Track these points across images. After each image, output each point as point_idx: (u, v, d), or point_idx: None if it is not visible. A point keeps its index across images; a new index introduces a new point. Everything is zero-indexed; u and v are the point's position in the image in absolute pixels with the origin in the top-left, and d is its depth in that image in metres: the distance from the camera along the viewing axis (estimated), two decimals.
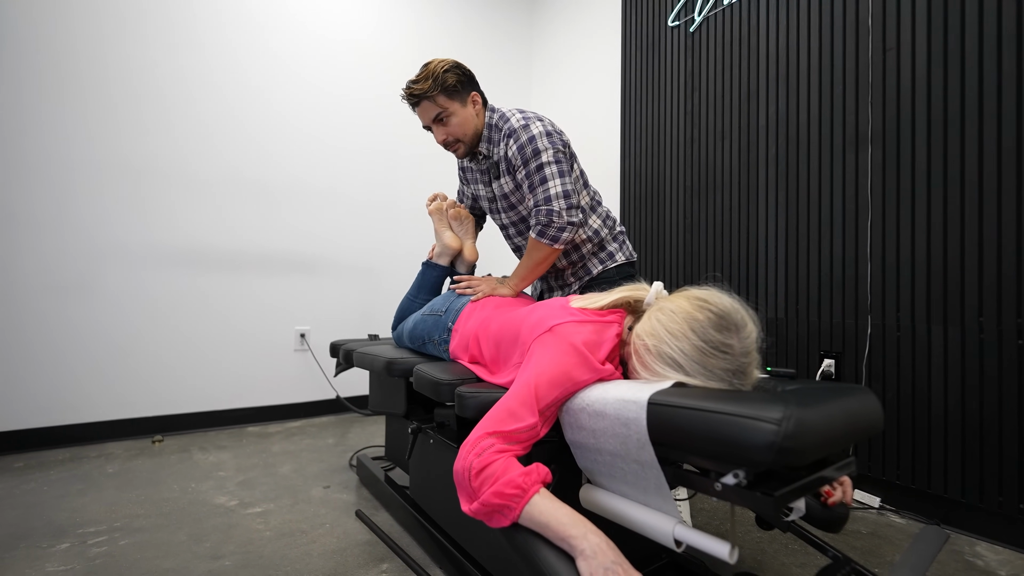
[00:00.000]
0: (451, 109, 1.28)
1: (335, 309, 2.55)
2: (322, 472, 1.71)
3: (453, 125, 1.29)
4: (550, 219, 1.23)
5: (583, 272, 1.41)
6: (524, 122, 1.26)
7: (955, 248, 1.38)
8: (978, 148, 1.34)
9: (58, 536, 1.23)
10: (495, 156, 1.33)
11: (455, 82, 1.26)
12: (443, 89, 1.25)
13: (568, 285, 1.45)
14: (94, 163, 2.00)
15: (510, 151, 1.27)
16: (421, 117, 1.32)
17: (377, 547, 1.21)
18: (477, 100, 1.32)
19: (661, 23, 2.27)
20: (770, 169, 1.82)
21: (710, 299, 0.76)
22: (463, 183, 1.60)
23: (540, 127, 1.25)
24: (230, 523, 1.32)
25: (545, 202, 1.23)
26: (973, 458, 1.34)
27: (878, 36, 1.53)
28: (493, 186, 1.39)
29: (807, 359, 1.70)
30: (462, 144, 1.34)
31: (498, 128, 1.31)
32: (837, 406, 0.67)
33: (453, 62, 1.28)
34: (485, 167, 1.38)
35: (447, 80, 1.25)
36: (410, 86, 1.27)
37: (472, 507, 0.71)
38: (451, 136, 1.31)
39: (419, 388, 1.09)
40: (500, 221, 1.47)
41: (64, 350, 1.94)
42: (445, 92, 1.26)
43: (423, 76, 1.25)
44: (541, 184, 1.23)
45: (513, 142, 1.26)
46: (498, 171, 1.34)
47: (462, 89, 1.28)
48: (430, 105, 1.28)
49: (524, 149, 1.24)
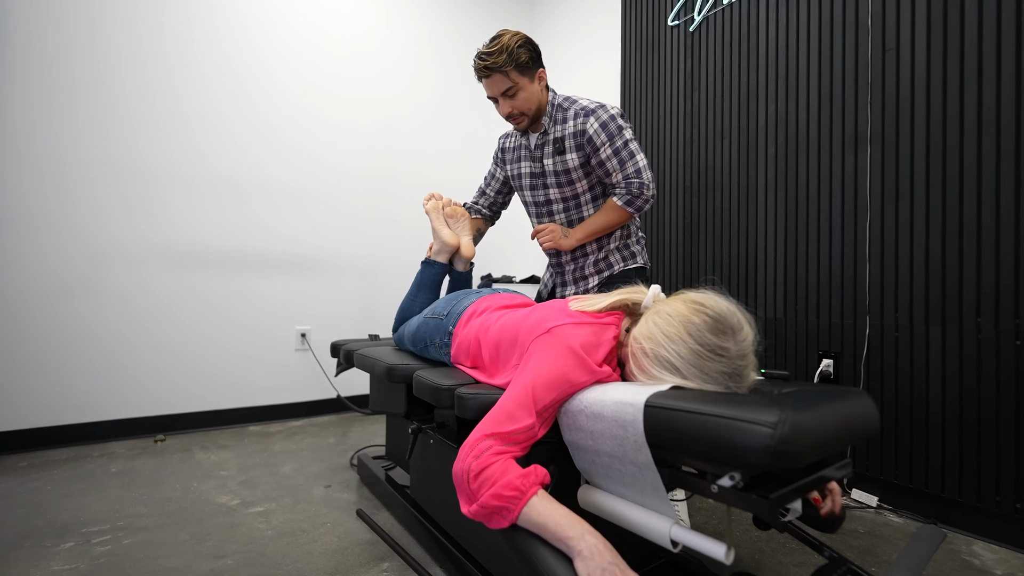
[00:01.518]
0: (521, 84, 1.31)
1: (335, 309, 2.56)
2: (323, 471, 1.73)
3: (520, 99, 1.33)
4: (641, 191, 1.33)
5: (604, 266, 1.45)
6: (598, 103, 1.34)
7: (953, 249, 1.38)
8: (977, 149, 1.34)
9: (62, 535, 1.25)
10: (559, 133, 1.37)
11: (527, 59, 1.30)
12: (516, 64, 1.29)
13: (585, 278, 1.47)
14: (95, 164, 2.01)
15: (589, 128, 1.31)
16: (489, 88, 1.34)
17: (378, 546, 1.22)
18: (543, 77, 1.36)
19: (661, 23, 2.27)
20: (769, 169, 1.82)
21: (706, 302, 0.76)
22: (497, 164, 1.62)
23: (615, 109, 1.34)
24: (232, 522, 1.33)
25: (636, 175, 1.33)
26: (970, 458, 1.35)
27: (878, 36, 1.54)
28: (547, 162, 1.41)
29: (806, 359, 1.71)
30: (526, 117, 1.38)
31: (563, 108, 1.37)
32: (833, 409, 0.67)
33: (525, 37, 1.30)
34: (542, 143, 1.41)
35: (520, 56, 1.28)
36: (484, 58, 1.29)
37: (471, 509, 0.72)
38: (516, 109, 1.35)
39: (419, 394, 1.10)
40: (544, 197, 1.47)
41: (66, 350, 1.95)
42: (517, 67, 1.29)
43: (497, 49, 1.27)
44: (631, 158, 1.33)
45: (594, 120, 1.31)
46: (563, 147, 1.37)
47: (532, 65, 1.32)
48: (502, 78, 1.30)
49: (608, 126, 1.31)
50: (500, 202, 1.68)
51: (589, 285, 1.46)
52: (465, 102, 3.00)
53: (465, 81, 3.00)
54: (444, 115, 2.92)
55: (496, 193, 1.66)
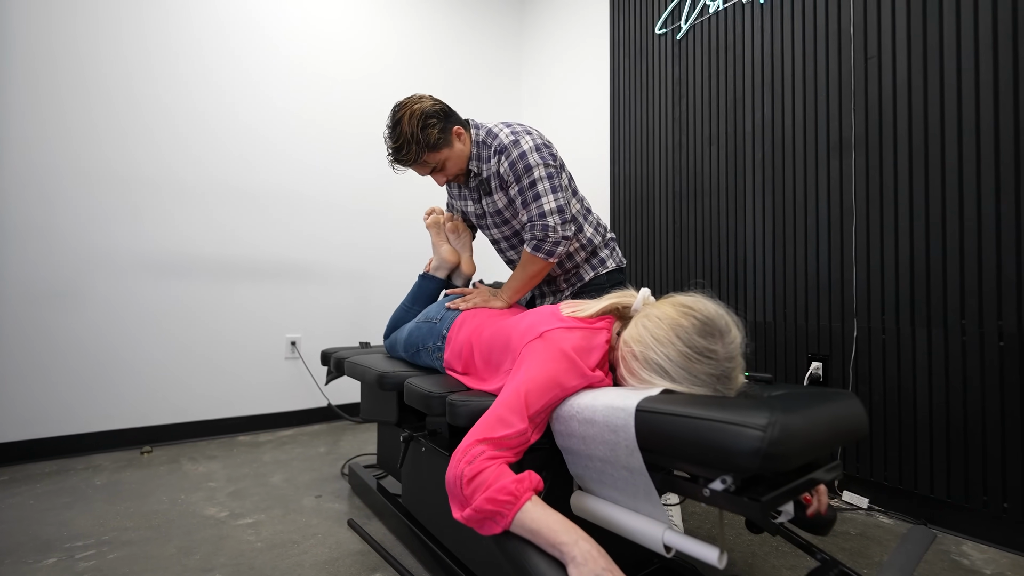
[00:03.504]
0: (442, 156, 1.26)
1: (326, 317, 2.54)
2: (314, 481, 1.70)
3: (450, 167, 1.29)
4: (545, 234, 1.22)
5: (575, 279, 1.42)
6: (513, 137, 1.25)
7: (937, 252, 1.40)
8: (958, 154, 1.37)
9: (45, 551, 1.22)
10: (485, 173, 1.31)
11: (437, 134, 1.22)
12: (428, 146, 1.23)
13: (560, 291, 1.45)
14: (81, 170, 1.98)
15: (502, 168, 1.25)
16: (416, 171, 1.31)
17: (369, 556, 1.21)
18: (461, 132, 1.28)
19: (648, 31, 2.30)
20: (757, 174, 1.85)
21: (695, 305, 0.77)
22: (451, 197, 1.58)
23: (530, 141, 1.24)
24: (220, 534, 1.31)
25: (539, 217, 1.22)
26: (958, 458, 1.36)
27: (860, 45, 1.57)
28: (483, 202, 1.37)
29: (795, 362, 1.72)
30: (462, 176, 1.35)
31: (486, 145, 1.30)
32: (822, 411, 0.68)
33: (422, 110, 1.21)
34: (474, 184, 1.37)
35: (429, 137, 1.21)
36: (395, 155, 1.24)
37: (464, 514, 0.71)
38: (450, 176, 1.32)
39: (410, 401, 1.09)
40: (491, 236, 1.46)
41: (50, 360, 1.92)
42: (430, 148, 1.23)
43: (403, 142, 1.21)
44: (535, 200, 1.22)
45: (504, 159, 1.24)
46: (489, 187, 1.32)
47: (445, 135, 1.25)
48: (422, 166, 1.28)
49: (516, 166, 1.23)
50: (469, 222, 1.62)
51: (565, 296, 1.44)
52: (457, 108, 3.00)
53: (456, 87, 3.01)
54: None
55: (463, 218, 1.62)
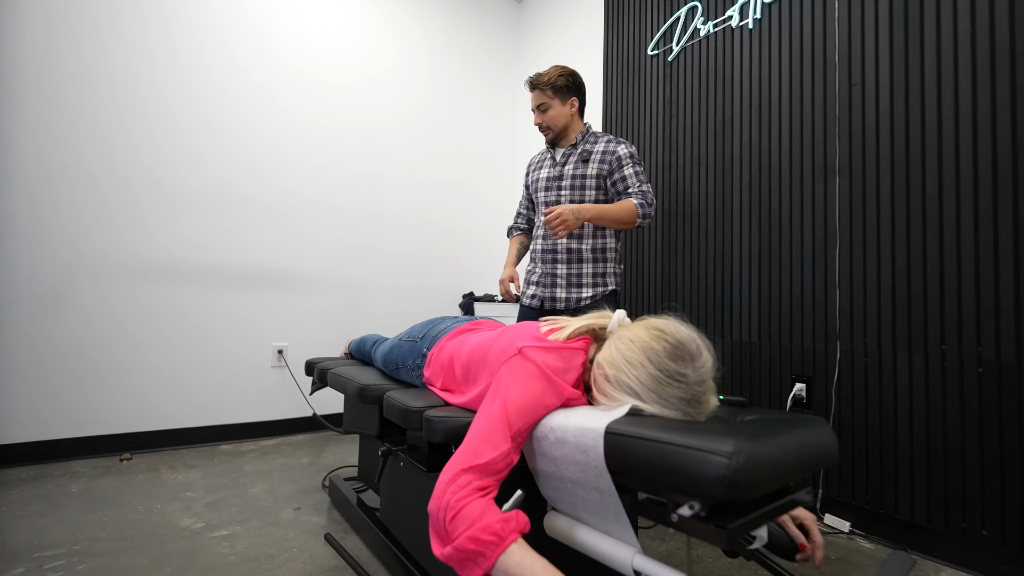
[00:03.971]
0: (552, 104, 1.64)
1: (314, 325, 2.53)
2: (294, 493, 1.69)
3: (549, 115, 1.66)
4: (651, 205, 1.60)
5: (600, 281, 1.65)
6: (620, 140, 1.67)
7: (918, 277, 1.42)
8: (938, 180, 1.39)
9: (13, 560, 1.19)
10: (589, 148, 1.66)
11: (563, 85, 1.63)
12: (552, 87, 1.62)
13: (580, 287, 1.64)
14: (69, 173, 1.98)
15: (621, 150, 1.62)
16: (531, 101, 1.68)
17: (345, 573, 1.19)
18: (575, 104, 1.67)
19: (641, 51, 2.34)
20: (743, 196, 1.87)
21: (667, 329, 0.77)
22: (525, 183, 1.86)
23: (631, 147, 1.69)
24: (194, 547, 1.29)
25: (649, 193, 1.62)
26: (938, 483, 1.37)
27: (844, 72, 1.60)
28: (567, 168, 1.67)
29: (779, 383, 1.73)
30: (551, 131, 1.68)
31: (595, 135, 1.69)
32: (790, 438, 0.68)
33: (571, 71, 1.65)
34: (568, 153, 1.69)
35: (558, 82, 1.62)
36: (532, 76, 1.65)
37: (444, 551, 0.68)
38: (544, 123, 1.67)
39: (389, 415, 1.08)
40: (555, 197, 1.68)
41: (32, 364, 1.90)
42: (553, 89, 1.63)
43: (545, 72, 1.64)
44: (646, 182, 1.63)
45: (625, 147, 1.63)
46: (588, 157, 1.65)
47: (566, 92, 1.65)
48: (539, 94, 1.64)
49: (634, 155, 1.64)
50: (532, 217, 1.88)
51: (583, 295, 1.63)
52: (451, 119, 3.03)
53: (451, 100, 3.04)
54: (429, 132, 2.95)
55: (527, 210, 1.89)
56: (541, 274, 1.70)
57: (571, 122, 1.68)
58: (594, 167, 1.63)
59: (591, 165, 1.63)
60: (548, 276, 1.68)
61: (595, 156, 1.63)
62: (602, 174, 1.62)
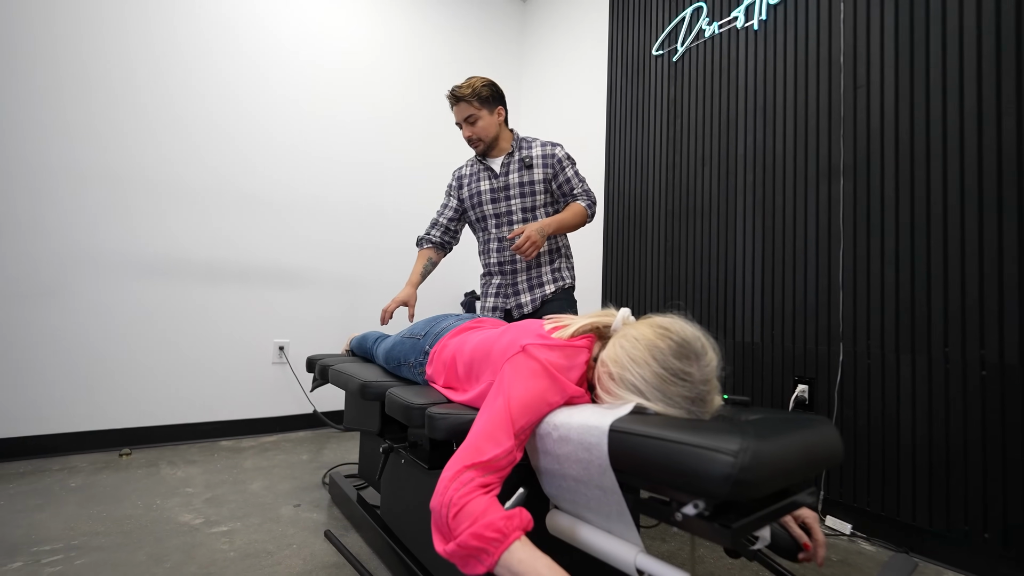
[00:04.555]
0: (480, 114, 1.62)
1: (315, 322, 2.53)
2: (294, 489, 1.68)
3: (479, 127, 1.63)
4: (594, 202, 1.68)
5: (559, 276, 1.69)
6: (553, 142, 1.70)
7: (921, 279, 1.42)
8: (942, 182, 1.39)
9: (10, 554, 1.19)
10: (527, 154, 1.67)
11: (488, 95, 1.61)
12: (478, 98, 1.60)
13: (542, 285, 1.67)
14: (71, 168, 1.98)
15: (559, 152, 1.65)
16: (456, 114, 1.64)
17: (344, 570, 1.19)
18: (501, 113, 1.67)
19: (645, 52, 2.33)
20: (747, 197, 1.86)
21: (672, 327, 0.77)
22: (450, 196, 1.81)
23: None
24: (193, 542, 1.29)
25: (591, 191, 1.69)
26: (940, 486, 1.36)
27: (850, 73, 1.60)
28: (512, 177, 1.67)
29: (781, 384, 1.72)
30: (482, 143, 1.66)
31: (527, 140, 1.70)
32: (795, 438, 0.68)
33: (490, 80, 1.63)
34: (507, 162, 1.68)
35: (483, 92, 1.60)
36: (455, 89, 1.61)
37: (447, 548, 0.68)
38: (475, 135, 1.64)
39: (391, 412, 1.08)
40: (505, 208, 1.67)
41: (32, 358, 1.89)
42: (479, 100, 1.60)
43: (467, 84, 1.60)
44: (584, 181, 1.70)
45: (560, 150, 1.67)
46: (531, 163, 1.66)
47: (492, 102, 1.63)
48: (466, 106, 1.61)
49: (569, 156, 1.69)
50: (452, 230, 1.82)
51: (546, 291, 1.66)
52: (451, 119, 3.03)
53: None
54: (431, 129, 2.95)
55: (449, 221, 1.80)
56: (499, 285, 1.71)
57: (500, 131, 1.67)
58: (539, 172, 1.64)
59: (536, 171, 1.64)
60: (509, 286, 1.69)
61: (536, 160, 1.65)
62: (547, 178, 1.65)
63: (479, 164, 1.72)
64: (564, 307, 1.67)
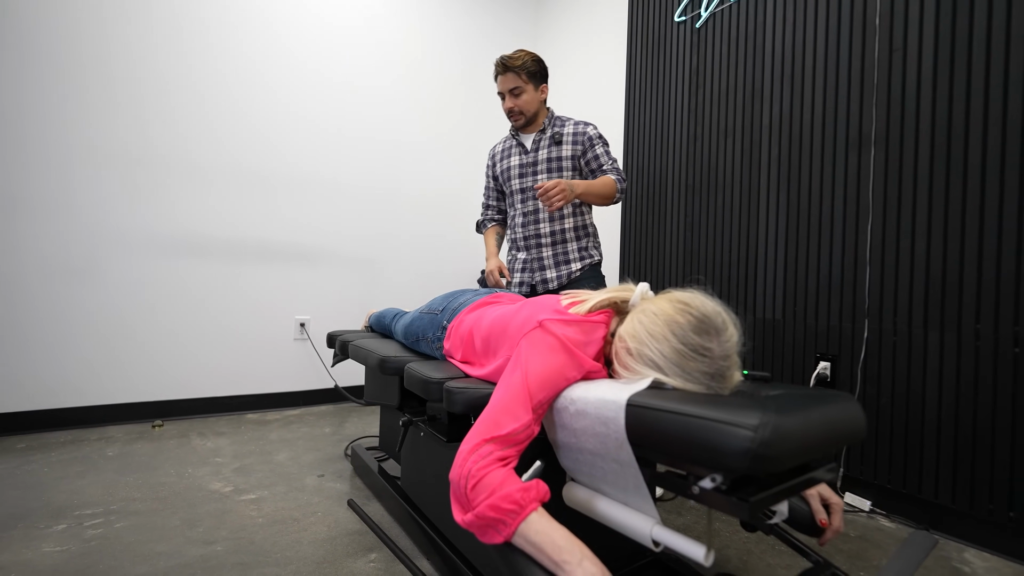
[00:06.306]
0: (526, 88, 1.64)
1: (335, 299, 2.57)
2: (317, 461, 1.74)
3: (522, 100, 1.65)
4: (624, 181, 1.66)
5: (587, 255, 1.70)
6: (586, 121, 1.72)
7: (954, 254, 1.36)
8: (981, 153, 1.32)
9: (56, 517, 1.26)
10: (558, 131, 1.69)
11: (536, 70, 1.65)
12: (526, 71, 1.63)
13: (569, 263, 1.69)
14: (97, 150, 2.02)
15: (591, 131, 1.67)
16: (501, 84, 1.66)
17: (367, 536, 1.23)
18: (545, 91, 1.70)
19: (667, 18, 2.24)
20: (772, 169, 1.80)
21: (691, 302, 0.75)
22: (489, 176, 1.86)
23: None
24: (224, 509, 1.34)
25: (621, 170, 1.68)
26: (965, 464, 1.34)
27: (885, 36, 1.51)
28: (541, 153, 1.69)
29: (803, 361, 1.70)
30: (523, 116, 1.68)
31: (561, 118, 1.72)
32: (817, 413, 0.67)
33: (539, 56, 1.66)
34: (539, 139, 1.71)
35: (531, 66, 1.63)
36: (505, 59, 1.63)
37: (466, 518, 0.70)
38: (517, 108, 1.66)
39: (409, 386, 1.10)
40: (532, 183, 1.69)
41: (68, 334, 1.97)
42: (527, 73, 1.63)
43: (517, 55, 1.63)
44: (615, 161, 1.69)
45: (592, 129, 1.68)
46: (561, 140, 1.68)
47: (538, 77, 1.67)
48: (513, 77, 1.63)
49: (602, 136, 1.70)
50: (503, 207, 1.88)
51: (573, 268, 1.68)
52: (469, 98, 2.98)
53: (469, 78, 2.98)
54: (448, 110, 2.91)
55: (496, 201, 1.87)
56: (526, 259, 1.72)
57: (540, 108, 1.69)
58: (568, 148, 1.66)
59: (564, 147, 1.66)
60: (535, 261, 1.70)
61: (567, 138, 1.66)
62: (576, 155, 1.66)
63: (512, 140, 1.76)
64: (591, 284, 1.68)
